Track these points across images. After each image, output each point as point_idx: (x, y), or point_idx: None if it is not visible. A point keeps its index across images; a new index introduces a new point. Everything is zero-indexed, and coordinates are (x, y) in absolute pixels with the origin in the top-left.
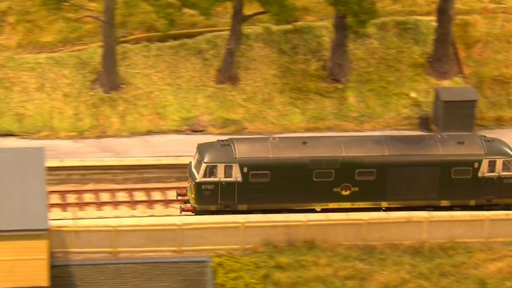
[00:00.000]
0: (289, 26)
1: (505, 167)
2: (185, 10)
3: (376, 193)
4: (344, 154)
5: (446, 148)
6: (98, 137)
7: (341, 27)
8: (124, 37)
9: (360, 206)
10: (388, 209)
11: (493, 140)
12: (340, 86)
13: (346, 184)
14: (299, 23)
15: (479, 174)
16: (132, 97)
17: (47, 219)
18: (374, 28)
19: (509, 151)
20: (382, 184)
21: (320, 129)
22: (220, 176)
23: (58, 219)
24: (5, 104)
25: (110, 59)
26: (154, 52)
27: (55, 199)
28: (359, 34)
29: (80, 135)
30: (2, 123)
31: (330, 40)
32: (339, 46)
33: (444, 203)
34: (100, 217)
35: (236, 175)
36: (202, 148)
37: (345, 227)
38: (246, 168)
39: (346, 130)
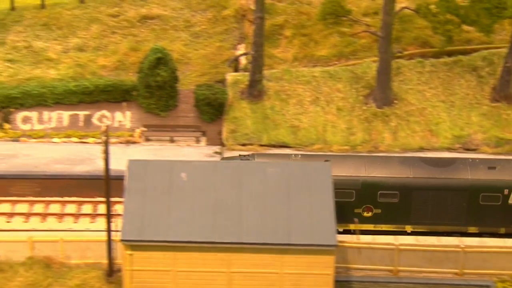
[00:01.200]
0: None
1: None
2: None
3: (400, 216)
4: (366, 175)
5: (475, 173)
6: (370, 151)
7: None
8: (400, 52)
9: (383, 229)
10: (413, 234)
11: None
12: None
13: (368, 205)
14: None
15: (510, 201)
16: (404, 113)
17: (335, 235)
18: None
19: None
20: (406, 207)
21: None
22: None
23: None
24: (281, 116)
25: (384, 74)
26: (428, 68)
27: None
28: None
29: (353, 149)
30: (278, 135)
31: None
32: None
33: (472, 229)
34: None
35: None
36: (222, 161)
37: None
38: None
39: None
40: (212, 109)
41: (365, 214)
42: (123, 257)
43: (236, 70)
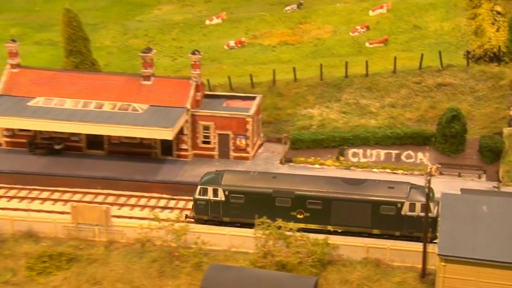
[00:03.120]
0: None
1: (423, 209)
2: None
3: (323, 219)
4: (299, 188)
5: (378, 191)
6: None
7: None
8: None
9: (311, 227)
10: (333, 232)
11: (419, 188)
12: None
13: (300, 210)
14: None
15: (402, 212)
16: None
17: None
18: None
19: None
20: (327, 212)
21: None
22: (210, 195)
23: None
24: None
25: None
26: None
27: None
28: None
29: None
30: None
31: None
32: None
33: (376, 231)
34: None
35: (221, 196)
36: (203, 175)
37: None
38: (227, 191)
39: None
40: (491, 154)
41: (298, 216)
42: (438, 266)
43: (510, 125)
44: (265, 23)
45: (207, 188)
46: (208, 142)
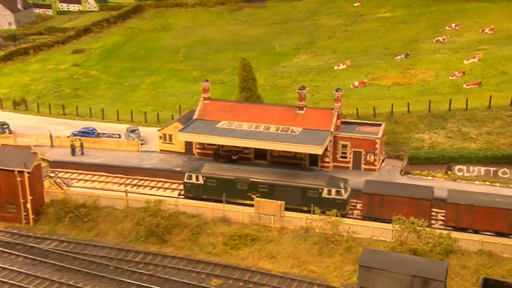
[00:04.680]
0: None
1: (337, 193)
2: None
3: (269, 198)
4: (253, 176)
5: (306, 180)
6: None
7: None
8: None
9: None
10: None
11: (336, 178)
12: None
13: (254, 191)
14: None
15: (322, 196)
16: None
17: None
18: None
19: (341, 185)
20: (272, 194)
21: None
22: (193, 180)
23: None
24: None
25: None
26: None
27: None
28: None
29: None
30: None
31: None
32: None
33: (305, 208)
34: None
35: (201, 180)
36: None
37: None
38: (205, 177)
39: None
40: None
41: (253, 195)
42: None
43: None
44: (380, 68)
45: (192, 175)
46: (345, 157)
